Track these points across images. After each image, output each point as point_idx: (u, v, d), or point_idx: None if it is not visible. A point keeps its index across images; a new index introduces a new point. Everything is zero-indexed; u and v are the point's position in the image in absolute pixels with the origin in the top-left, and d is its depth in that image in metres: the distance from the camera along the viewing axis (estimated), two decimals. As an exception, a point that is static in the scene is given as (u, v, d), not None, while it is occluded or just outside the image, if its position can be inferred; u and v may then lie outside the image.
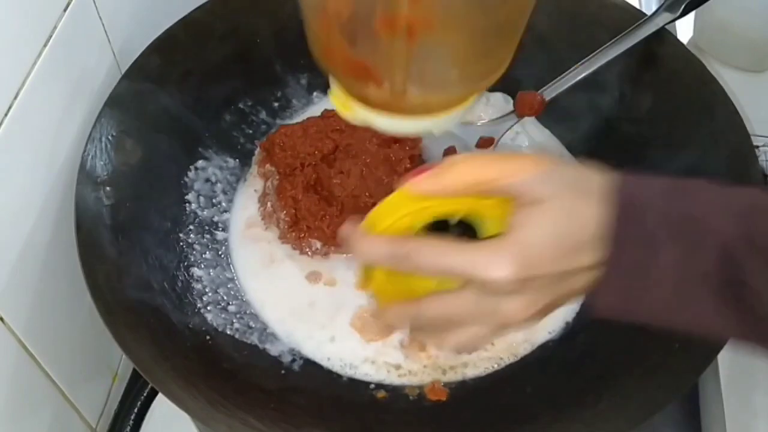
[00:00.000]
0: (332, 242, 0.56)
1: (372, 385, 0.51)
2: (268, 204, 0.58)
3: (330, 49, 0.40)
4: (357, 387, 0.51)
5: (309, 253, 0.56)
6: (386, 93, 0.39)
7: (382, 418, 0.49)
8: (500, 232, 0.34)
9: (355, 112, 0.43)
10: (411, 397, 0.50)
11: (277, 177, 0.59)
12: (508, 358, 0.52)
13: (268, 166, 0.60)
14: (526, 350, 0.53)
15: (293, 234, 0.56)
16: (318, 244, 0.56)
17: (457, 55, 0.38)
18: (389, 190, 0.56)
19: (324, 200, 0.56)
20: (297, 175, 0.57)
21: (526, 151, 0.62)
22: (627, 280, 0.33)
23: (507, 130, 0.56)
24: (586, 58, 0.54)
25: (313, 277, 0.55)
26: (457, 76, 0.39)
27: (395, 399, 0.50)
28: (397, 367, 0.52)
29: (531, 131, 0.63)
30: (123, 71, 0.56)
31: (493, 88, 0.54)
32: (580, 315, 0.54)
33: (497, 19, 0.37)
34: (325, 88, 0.65)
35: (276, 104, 0.64)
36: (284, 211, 0.56)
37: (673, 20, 0.56)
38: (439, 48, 0.37)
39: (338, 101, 0.44)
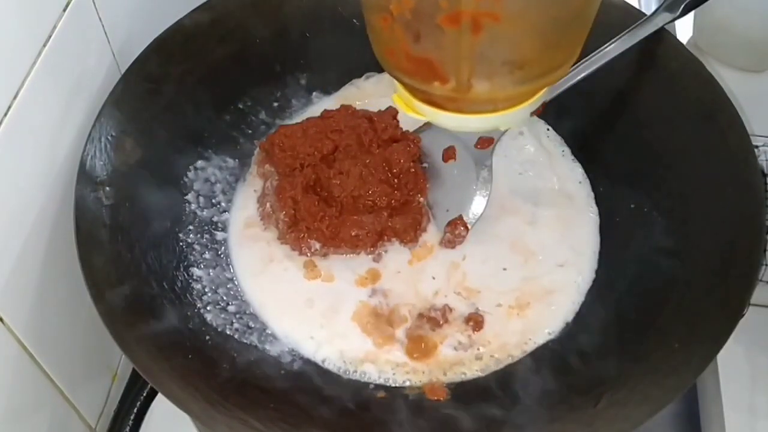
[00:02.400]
0: (331, 243, 0.56)
1: (372, 385, 0.51)
2: (267, 204, 0.58)
3: (393, 48, 0.39)
4: (357, 387, 0.51)
5: (308, 254, 0.56)
6: (451, 90, 0.38)
7: (382, 418, 0.49)
8: None
9: (421, 112, 0.42)
10: (411, 397, 0.50)
11: (277, 177, 0.59)
12: (508, 359, 0.52)
13: (267, 166, 0.60)
14: (526, 351, 0.53)
15: (292, 235, 0.56)
16: (317, 245, 0.56)
17: (523, 48, 0.37)
18: (389, 191, 0.57)
19: (323, 201, 0.56)
20: (296, 175, 0.57)
21: (531, 151, 0.62)
22: None
23: (506, 130, 0.56)
24: (586, 58, 0.54)
25: (312, 274, 0.55)
26: (523, 70, 0.38)
27: (395, 399, 0.50)
28: (397, 366, 0.52)
29: (533, 131, 0.63)
30: (122, 71, 0.56)
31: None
32: (579, 315, 0.54)
33: (565, 10, 0.36)
34: (324, 89, 0.66)
35: (275, 104, 0.64)
36: (283, 212, 0.56)
37: (673, 20, 0.56)
38: (505, 41, 0.36)
39: (402, 101, 0.44)
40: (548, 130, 0.64)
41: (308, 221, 0.55)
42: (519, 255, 0.57)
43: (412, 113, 0.44)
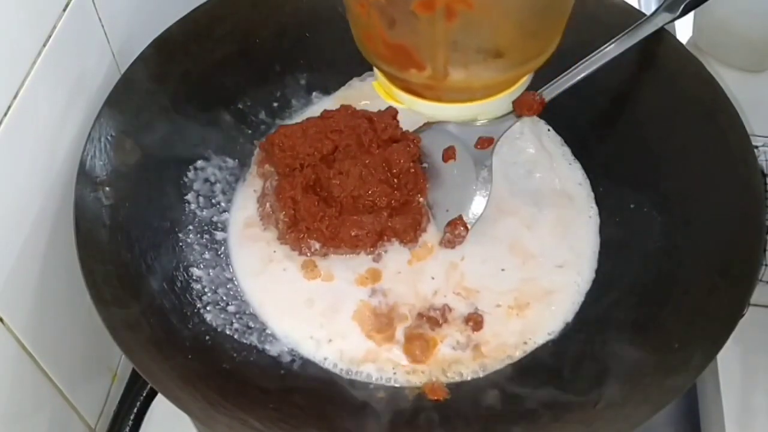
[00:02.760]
0: (331, 243, 0.56)
1: (371, 385, 0.51)
2: (267, 204, 0.58)
3: (370, 33, 0.40)
4: (357, 387, 0.51)
5: (308, 254, 0.56)
6: (428, 77, 0.38)
7: (382, 418, 0.49)
8: None
9: (400, 100, 0.43)
10: (411, 397, 0.50)
11: (276, 177, 0.59)
12: (508, 359, 0.52)
13: (267, 166, 0.60)
14: (526, 351, 0.53)
15: (292, 235, 0.56)
16: (317, 245, 0.56)
17: (498, 35, 0.37)
18: (389, 191, 0.57)
19: (323, 201, 0.56)
20: (296, 175, 0.57)
21: (531, 152, 0.62)
22: None
23: (506, 130, 0.56)
24: (586, 58, 0.54)
25: (312, 274, 0.55)
26: (500, 58, 0.38)
27: (395, 399, 0.50)
28: (397, 366, 0.52)
29: (534, 131, 0.63)
30: (122, 71, 0.56)
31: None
32: (579, 315, 0.54)
33: None
34: (324, 89, 0.66)
35: (275, 104, 0.64)
36: (283, 212, 0.56)
37: (673, 20, 0.56)
38: (480, 29, 0.36)
39: (382, 89, 0.44)
40: (549, 130, 0.64)
41: (308, 221, 0.55)
42: (518, 256, 0.57)
43: (392, 101, 0.44)
